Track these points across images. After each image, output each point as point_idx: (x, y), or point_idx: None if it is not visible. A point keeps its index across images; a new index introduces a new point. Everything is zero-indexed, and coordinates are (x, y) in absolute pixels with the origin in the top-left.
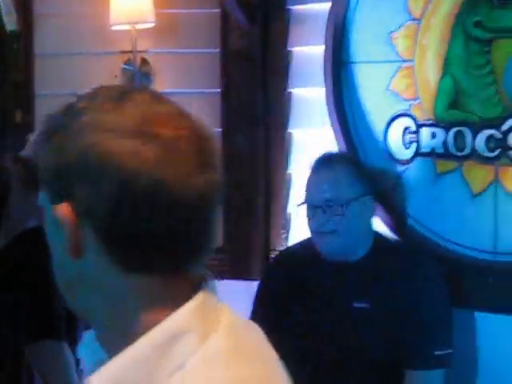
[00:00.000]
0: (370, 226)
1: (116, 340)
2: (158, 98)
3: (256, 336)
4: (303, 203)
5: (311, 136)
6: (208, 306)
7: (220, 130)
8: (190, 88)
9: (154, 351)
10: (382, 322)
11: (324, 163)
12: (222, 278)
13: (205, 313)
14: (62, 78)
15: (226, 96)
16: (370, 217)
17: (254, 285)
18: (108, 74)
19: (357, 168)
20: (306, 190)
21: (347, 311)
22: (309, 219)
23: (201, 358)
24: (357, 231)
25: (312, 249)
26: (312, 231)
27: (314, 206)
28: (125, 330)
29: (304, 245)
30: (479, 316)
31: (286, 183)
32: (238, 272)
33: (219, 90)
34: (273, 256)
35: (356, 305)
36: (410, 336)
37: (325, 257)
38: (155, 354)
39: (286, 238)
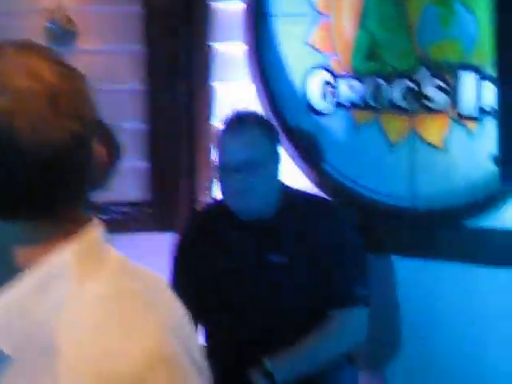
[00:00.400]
0: (278, 183)
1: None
2: (32, 51)
3: (144, 285)
4: (222, 165)
5: (233, 89)
6: (90, 251)
7: (143, 85)
8: (113, 44)
9: (29, 292)
10: (300, 274)
11: (238, 124)
12: (147, 231)
13: (84, 257)
14: None
15: (149, 52)
16: (279, 176)
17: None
18: (31, 32)
19: (267, 128)
20: (222, 151)
21: (265, 267)
22: (224, 181)
23: (75, 301)
24: (269, 190)
25: (228, 208)
26: (228, 193)
27: (229, 168)
28: (5, 271)
29: (219, 204)
30: (397, 261)
31: (209, 137)
32: (162, 224)
33: (142, 46)
34: (196, 209)
35: (273, 260)
36: (329, 280)
37: (240, 216)
38: (31, 295)
39: (211, 191)
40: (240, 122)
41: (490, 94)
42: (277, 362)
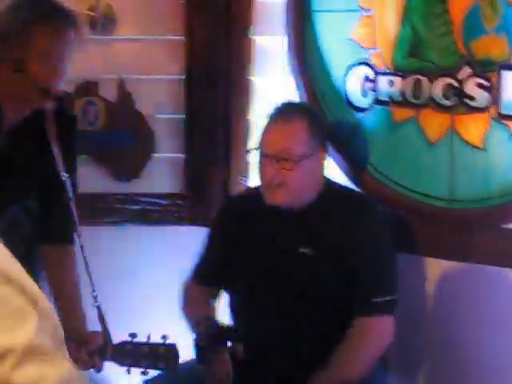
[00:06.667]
0: (320, 177)
1: None
2: None
3: None
4: (257, 148)
5: (272, 84)
6: None
7: (182, 77)
8: (152, 34)
9: None
10: (325, 267)
11: (282, 114)
12: (181, 224)
13: None
14: None
15: (188, 42)
16: (322, 170)
17: None
18: None
19: (313, 122)
20: (262, 137)
21: (292, 256)
22: (260, 168)
23: None
24: (306, 185)
25: (260, 196)
26: (262, 182)
27: (266, 156)
28: None
29: (253, 192)
30: (433, 262)
31: (246, 131)
32: (196, 218)
33: (182, 37)
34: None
35: (301, 250)
36: (350, 283)
37: (271, 205)
38: None
39: (245, 185)
40: (284, 112)
41: None
42: None
